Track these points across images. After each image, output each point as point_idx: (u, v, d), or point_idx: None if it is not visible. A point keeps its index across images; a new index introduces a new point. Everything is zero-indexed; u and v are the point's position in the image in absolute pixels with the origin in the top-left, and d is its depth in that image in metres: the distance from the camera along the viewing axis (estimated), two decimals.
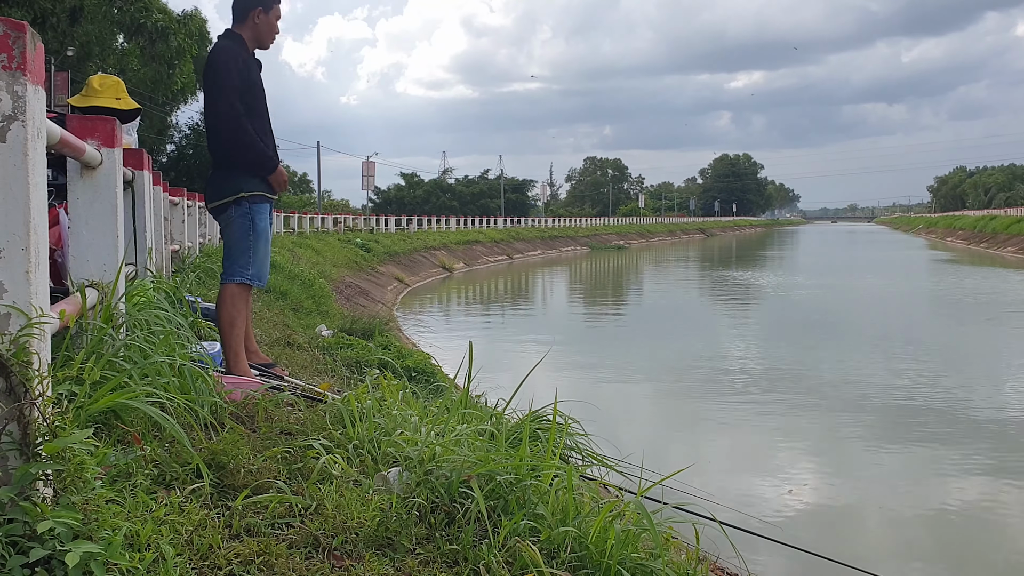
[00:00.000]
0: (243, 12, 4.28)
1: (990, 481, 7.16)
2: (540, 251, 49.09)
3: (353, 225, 36.85)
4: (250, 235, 4.20)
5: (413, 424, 3.06)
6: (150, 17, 30.56)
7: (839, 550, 5.24)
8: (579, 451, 3.79)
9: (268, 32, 4.34)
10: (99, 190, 3.23)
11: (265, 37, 4.34)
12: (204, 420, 2.75)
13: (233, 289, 4.19)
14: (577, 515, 2.54)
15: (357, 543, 2.19)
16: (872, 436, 8.53)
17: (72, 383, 2.25)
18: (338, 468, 2.60)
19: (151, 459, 2.31)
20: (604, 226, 73.60)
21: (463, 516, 2.40)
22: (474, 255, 39.55)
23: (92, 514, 1.73)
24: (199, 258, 9.81)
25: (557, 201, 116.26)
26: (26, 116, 1.78)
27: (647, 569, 2.48)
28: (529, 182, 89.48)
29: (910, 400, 9.87)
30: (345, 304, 14.84)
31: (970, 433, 8.49)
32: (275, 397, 3.37)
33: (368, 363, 6.32)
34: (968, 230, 59.69)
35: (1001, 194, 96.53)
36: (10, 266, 1.78)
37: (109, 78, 5.38)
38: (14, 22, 1.76)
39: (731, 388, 10.78)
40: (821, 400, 10.00)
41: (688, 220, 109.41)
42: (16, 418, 1.70)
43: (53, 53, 26.30)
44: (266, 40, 4.35)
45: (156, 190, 6.65)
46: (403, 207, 67.39)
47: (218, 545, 1.98)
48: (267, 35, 4.34)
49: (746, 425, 9.07)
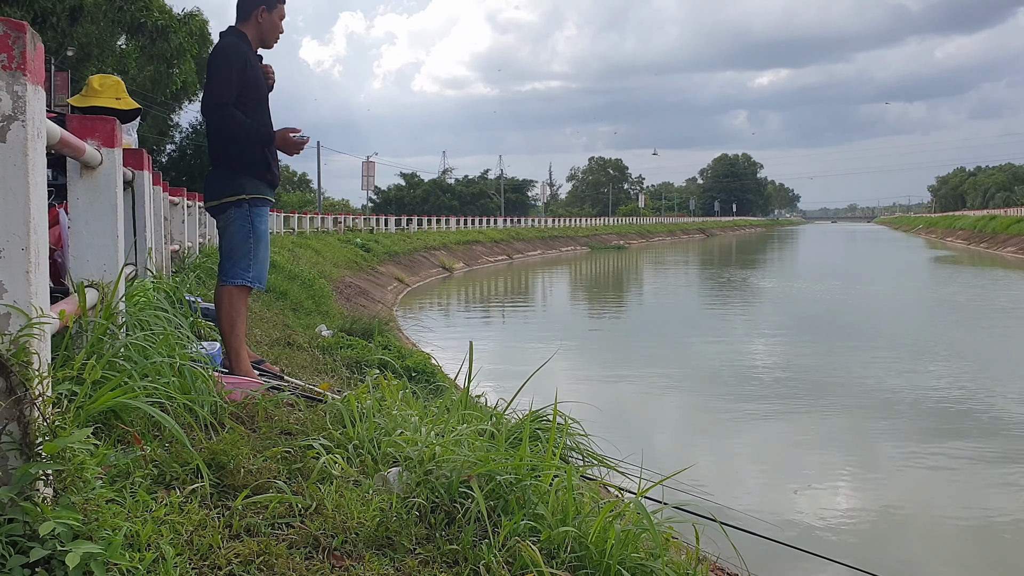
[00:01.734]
0: (247, 11, 4.28)
1: (993, 480, 7.16)
2: (540, 251, 49.09)
3: (353, 225, 36.86)
4: (250, 237, 4.19)
5: (413, 424, 3.06)
6: (151, 16, 30.56)
7: (840, 550, 5.25)
8: (579, 451, 3.79)
9: (271, 31, 4.33)
10: (99, 190, 3.23)
11: (268, 36, 4.33)
12: (204, 420, 2.75)
13: (232, 291, 4.18)
14: (577, 515, 2.54)
15: (357, 543, 2.19)
16: (874, 436, 8.53)
17: (72, 383, 2.24)
18: (338, 468, 2.59)
19: (151, 459, 2.31)
20: (604, 226, 73.60)
21: (463, 516, 2.40)
22: (474, 255, 39.55)
23: (92, 514, 1.73)
24: (199, 258, 9.81)
25: (557, 201, 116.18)
26: (26, 116, 1.78)
27: (647, 569, 2.48)
28: (529, 182, 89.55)
29: (911, 399, 9.88)
30: (345, 304, 14.84)
31: (976, 431, 8.49)
32: (275, 397, 3.37)
33: (368, 363, 6.32)
34: (968, 230, 59.69)
35: (1000, 193, 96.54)
36: (10, 266, 1.78)
37: (109, 78, 5.37)
38: (14, 22, 1.76)
39: (731, 388, 10.79)
40: (823, 400, 10.00)
41: (688, 220, 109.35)
42: (16, 418, 1.70)
43: (53, 53, 26.28)
44: (269, 39, 4.34)
45: (156, 190, 6.64)
46: (403, 207, 67.36)
47: (218, 545, 1.98)
48: (270, 34, 4.33)
49: (747, 425, 9.07)
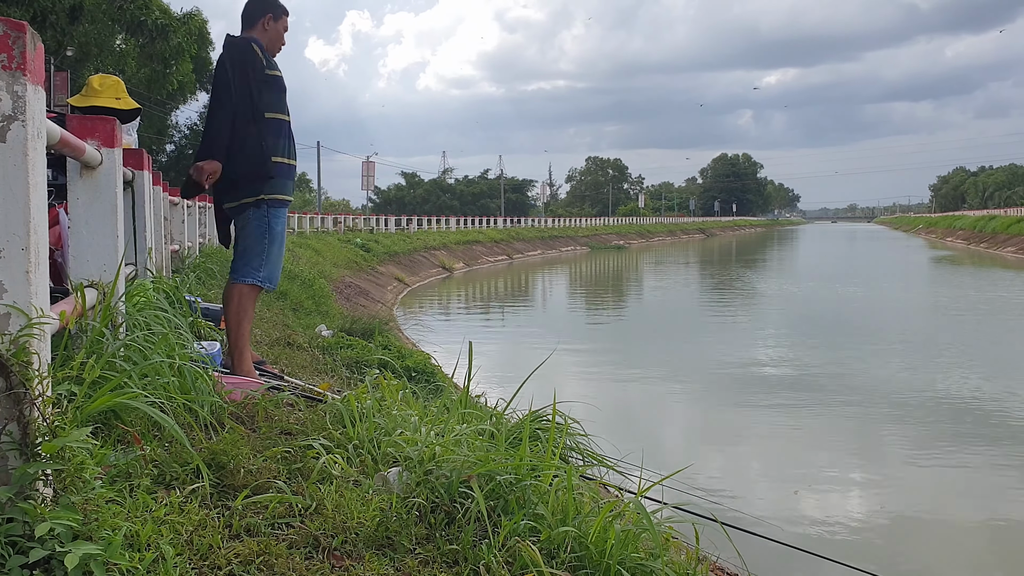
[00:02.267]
0: (253, 18, 4.29)
1: (995, 480, 7.16)
2: (540, 251, 49.09)
3: (353, 225, 36.87)
4: (265, 238, 4.21)
5: (413, 424, 3.06)
6: (151, 15, 30.57)
7: (840, 551, 5.25)
8: (579, 451, 3.79)
9: (276, 40, 4.35)
10: (99, 190, 3.23)
11: (273, 45, 4.34)
12: (204, 420, 2.75)
13: (243, 289, 4.19)
14: (577, 515, 2.54)
15: (357, 543, 2.19)
16: (875, 436, 8.53)
17: (72, 383, 2.24)
18: (338, 468, 2.59)
19: (151, 459, 2.31)
20: (604, 226, 73.59)
21: (463, 516, 2.39)
22: (474, 255, 39.55)
23: (92, 514, 1.73)
24: (199, 258, 9.81)
25: (557, 201, 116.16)
26: (26, 116, 1.78)
27: (647, 569, 2.48)
28: (529, 182, 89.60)
29: (910, 399, 9.87)
30: (345, 304, 14.84)
31: (980, 431, 8.49)
32: (275, 397, 3.37)
33: (368, 363, 6.31)
34: (968, 230, 59.69)
35: (1000, 193, 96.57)
36: (10, 266, 1.78)
37: (109, 78, 5.37)
38: (14, 22, 1.76)
39: (731, 388, 10.79)
40: (823, 400, 10.00)
41: (688, 220, 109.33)
42: (16, 418, 1.70)
43: (52, 53, 26.27)
44: (274, 48, 4.35)
45: (156, 190, 6.64)
46: (403, 207, 67.38)
47: (218, 545, 1.98)
48: (275, 43, 4.35)
49: (748, 425, 9.07)
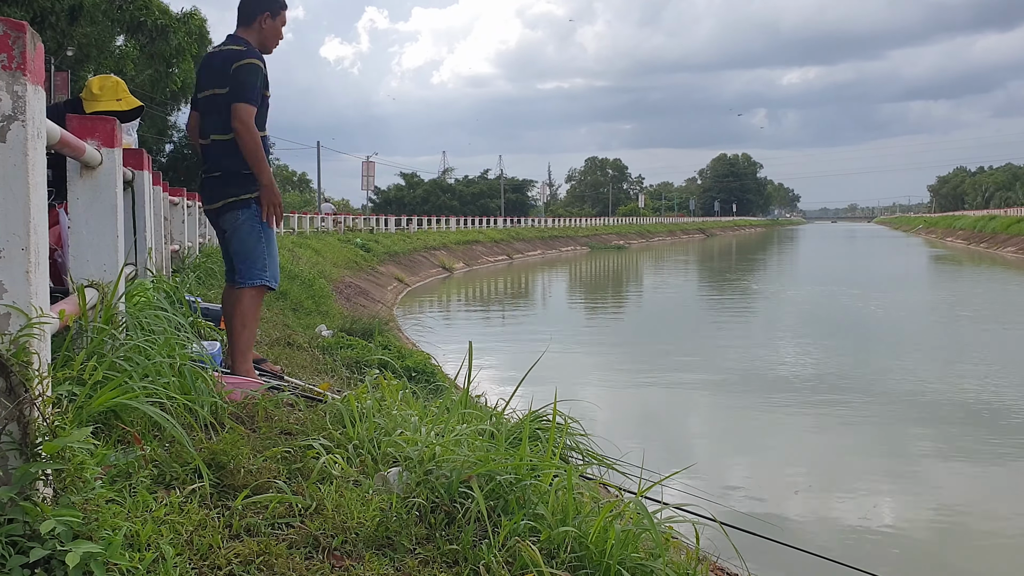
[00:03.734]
0: (250, 16, 4.25)
1: (997, 481, 7.16)
2: (540, 251, 49.08)
3: (353, 225, 36.84)
4: (262, 237, 4.19)
5: (413, 424, 3.06)
6: (150, 15, 30.56)
7: (841, 551, 5.25)
8: (579, 451, 3.78)
9: (273, 37, 4.33)
10: (99, 190, 3.23)
11: (269, 42, 4.32)
12: (204, 420, 2.75)
13: (253, 292, 4.18)
14: (577, 515, 2.54)
15: (357, 543, 2.19)
16: (876, 436, 8.53)
17: (72, 383, 2.25)
18: (338, 468, 2.59)
19: (151, 459, 2.31)
20: (604, 226, 73.57)
21: (463, 516, 2.40)
22: (474, 255, 39.54)
23: (92, 514, 1.73)
24: (199, 258, 9.81)
25: (557, 201, 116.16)
26: (26, 116, 1.78)
27: (647, 569, 2.48)
28: (529, 182, 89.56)
29: (910, 399, 9.87)
30: (345, 304, 14.83)
31: (980, 430, 8.49)
32: (275, 397, 3.37)
33: (368, 363, 6.31)
34: (968, 230, 59.68)
35: (999, 193, 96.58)
36: (10, 266, 1.78)
37: (109, 79, 5.34)
38: (14, 22, 1.76)
39: (731, 388, 10.79)
40: (824, 400, 10.00)
41: (688, 220, 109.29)
42: (16, 418, 1.70)
43: (52, 53, 26.27)
44: (270, 45, 4.33)
45: (156, 190, 6.64)
46: (403, 207, 67.34)
47: (218, 545, 1.98)
48: (272, 40, 4.33)
49: (748, 424, 9.07)
